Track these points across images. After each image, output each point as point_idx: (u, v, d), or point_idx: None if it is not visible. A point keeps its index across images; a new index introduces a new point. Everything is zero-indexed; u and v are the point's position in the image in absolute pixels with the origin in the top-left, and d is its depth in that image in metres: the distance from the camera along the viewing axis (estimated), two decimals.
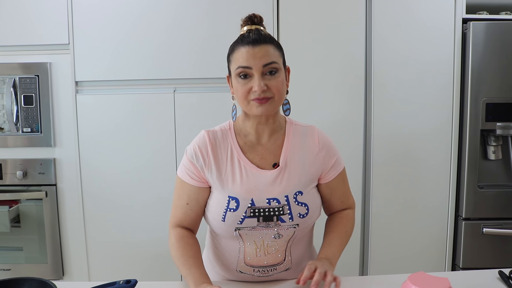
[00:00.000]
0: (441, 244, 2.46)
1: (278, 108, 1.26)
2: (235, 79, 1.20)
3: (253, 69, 1.16)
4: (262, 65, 1.16)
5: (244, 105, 1.22)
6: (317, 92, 2.35)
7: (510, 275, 1.29)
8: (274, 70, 1.18)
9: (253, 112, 1.21)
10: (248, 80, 1.18)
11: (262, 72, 1.17)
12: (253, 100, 1.18)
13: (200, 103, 2.34)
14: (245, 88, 1.18)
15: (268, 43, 1.19)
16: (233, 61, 1.21)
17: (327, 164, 1.32)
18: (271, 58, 1.18)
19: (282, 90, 1.21)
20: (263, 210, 1.23)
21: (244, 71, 1.17)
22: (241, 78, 1.18)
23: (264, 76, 1.17)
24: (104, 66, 2.33)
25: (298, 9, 2.31)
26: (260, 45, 1.17)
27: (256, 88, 1.16)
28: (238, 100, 1.23)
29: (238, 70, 1.18)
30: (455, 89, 2.35)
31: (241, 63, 1.17)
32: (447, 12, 2.32)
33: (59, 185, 2.42)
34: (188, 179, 1.27)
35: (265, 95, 1.17)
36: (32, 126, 2.37)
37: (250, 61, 1.16)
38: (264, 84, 1.16)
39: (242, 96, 1.19)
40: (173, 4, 2.30)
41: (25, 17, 2.32)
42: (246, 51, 1.17)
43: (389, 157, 2.38)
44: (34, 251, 2.47)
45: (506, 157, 2.43)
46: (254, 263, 1.28)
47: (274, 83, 1.18)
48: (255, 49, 1.17)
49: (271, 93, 1.18)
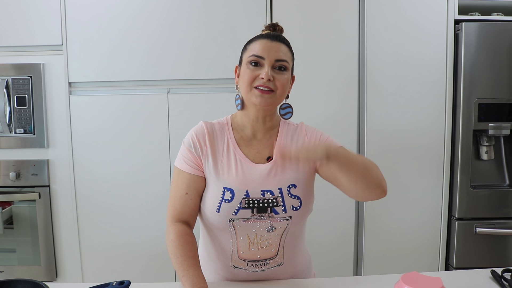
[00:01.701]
0: (435, 244, 2.47)
1: (276, 105, 1.32)
2: (245, 66, 1.28)
3: (265, 60, 1.25)
4: (275, 59, 1.25)
5: (246, 91, 1.27)
6: (311, 90, 2.35)
7: (503, 275, 1.30)
8: (284, 67, 1.27)
9: (253, 101, 1.27)
10: (257, 68, 1.26)
11: (272, 65, 1.25)
12: (256, 88, 1.25)
13: (193, 104, 2.34)
14: (252, 74, 1.25)
15: (284, 43, 1.30)
16: (249, 49, 1.29)
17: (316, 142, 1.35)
18: (284, 56, 1.27)
19: (285, 87, 1.28)
20: (257, 202, 1.26)
21: (257, 59, 1.25)
22: (252, 65, 1.26)
23: (273, 69, 1.25)
24: (98, 67, 2.33)
25: (291, 9, 2.32)
26: (277, 42, 1.28)
27: (264, 75, 1.23)
28: (242, 86, 1.29)
29: (251, 57, 1.26)
30: (447, 90, 2.37)
31: (256, 52, 1.26)
32: (439, 13, 2.33)
33: (52, 186, 2.41)
34: (186, 168, 1.30)
35: (268, 85, 1.24)
36: (25, 127, 2.36)
37: (265, 52, 1.25)
38: (271, 75, 1.24)
39: (248, 81, 1.26)
40: (166, 5, 2.30)
41: (18, 18, 2.30)
42: (263, 43, 1.26)
43: (382, 158, 2.39)
44: (27, 252, 2.45)
45: (499, 157, 2.45)
46: (248, 257, 1.30)
47: (280, 78, 1.26)
48: (272, 43, 1.26)
49: (274, 86, 1.25)
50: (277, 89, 1.25)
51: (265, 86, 1.23)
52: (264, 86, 1.23)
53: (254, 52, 1.26)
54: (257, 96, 1.25)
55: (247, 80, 1.25)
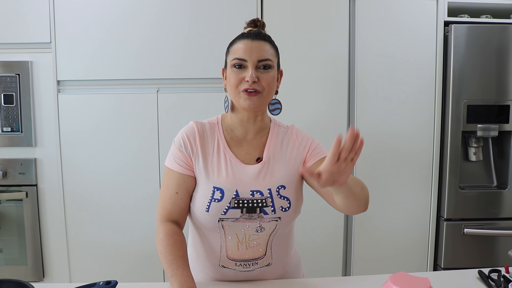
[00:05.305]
0: (423, 245, 2.49)
1: (265, 104, 1.32)
2: (230, 69, 1.27)
3: (248, 62, 1.24)
4: (257, 59, 1.24)
5: (234, 95, 1.28)
6: (300, 90, 2.36)
7: (490, 275, 1.31)
8: (268, 65, 1.26)
9: (241, 104, 1.27)
10: (242, 70, 1.25)
11: (256, 66, 1.25)
12: (243, 91, 1.25)
13: (183, 104, 2.33)
14: (237, 77, 1.25)
15: (266, 41, 1.29)
16: (231, 52, 1.29)
17: (305, 150, 1.35)
18: (266, 55, 1.26)
19: (271, 86, 1.28)
20: (247, 202, 1.26)
21: (239, 62, 1.25)
22: (235, 68, 1.26)
23: (257, 70, 1.25)
24: (87, 65, 2.31)
25: (282, 9, 2.32)
26: (258, 40, 1.27)
27: (248, 78, 1.23)
28: (229, 90, 1.29)
29: (234, 61, 1.26)
30: (437, 91, 2.38)
31: (238, 55, 1.25)
32: (429, 15, 2.35)
33: (40, 185, 2.39)
34: (176, 167, 1.30)
35: (255, 87, 1.24)
36: (12, 126, 2.34)
37: (247, 54, 1.24)
38: (256, 76, 1.23)
39: (234, 85, 1.26)
40: (156, 4, 2.29)
41: (6, 15, 2.27)
42: (244, 44, 1.26)
43: (371, 158, 2.40)
44: (14, 252, 2.42)
45: (487, 159, 2.47)
46: (236, 257, 1.30)
47: (265, 77, 1.25)
48: (253, 43, 1.25)
49: (261, 86, 1.25)
50: (264, 89, 1.26)
51: (251, 88, 1.24)
52: (251, 88, 1.24)
53: (236, 55, 1.25)
54: (245, 99, 1.25)
55: (233, 84, 1.26)
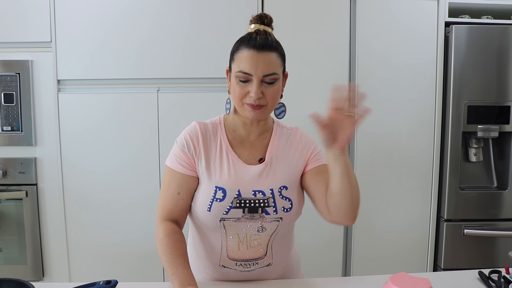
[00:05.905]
0: (423, 245, 2.49)
1: (269, 114, 1.31)
2: (234, 79, 1.23)
3: (253, 76, 1.20)
4: (263, 74, 1.20)
5: (238, 105, 1.26)
6: (300, 91, 2.35)
7: (490, 276, 1.31)
8: (273, 80, 1.22)
9: (245, 115, 1.26)
10: (246, 84, 1.21)
11: (261, 80, 1.20)
12: (247, 104, 1.22)
13: (184, 103, 2.33)
14: (242, 91, 1.22)
15: (272, 51, 1.22)
16: (236, 60, 1.23)
17: (308, 153, 1.35)
18: (272, 68, 1.21)
19: (276, 98, 1.25)
20: (249, 202, 1.26)
21: (245, 76, 1.20)
22: (240, 81, 1.22)
23: (262, 83, 1.21)
24: (87, 65, 2.31)
25: (282, 10, 2.32)
26: (264, 52, 1.20)
27: (253, 95, 1.20)
28: (233, 100, 1.27)
29: (238, 74, 1.21)
30: (437, 92, 2.38)
31: (242, 68, 1.20)
32: (430, 15, 2.34)
33: (40, 184, 2.39)
34: (179, 168, 1.29)
35: (259, 103, 1.21)
36: (12, 125, 2.34)
37: (252, 69, 1.19)
38: (261, 91, 1.20)
39: (238, 97, 1.23)
40: (157, 3, 2.28)
41: (6, 14, 2.27)
42: (250, 56, 1.20)
43: (372, 158, 2.40)
44: (14, 252, 2.42)
45: (487, 159, 2.47)
46: (237, 257, 1.30)
47: (270, 91, 1.22)
48: (259, 56, 1.19)
49: (265, 101, 1.22)
50: (268, 103, 1.23)
51: (255, 104, 1.21)
52: (255, 104, 1.21)
53: (241, 68, 1.20)
54: (249, 111, 1.23)
55: (237, 96, 1.23)
